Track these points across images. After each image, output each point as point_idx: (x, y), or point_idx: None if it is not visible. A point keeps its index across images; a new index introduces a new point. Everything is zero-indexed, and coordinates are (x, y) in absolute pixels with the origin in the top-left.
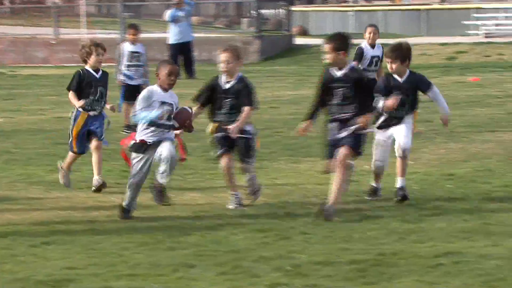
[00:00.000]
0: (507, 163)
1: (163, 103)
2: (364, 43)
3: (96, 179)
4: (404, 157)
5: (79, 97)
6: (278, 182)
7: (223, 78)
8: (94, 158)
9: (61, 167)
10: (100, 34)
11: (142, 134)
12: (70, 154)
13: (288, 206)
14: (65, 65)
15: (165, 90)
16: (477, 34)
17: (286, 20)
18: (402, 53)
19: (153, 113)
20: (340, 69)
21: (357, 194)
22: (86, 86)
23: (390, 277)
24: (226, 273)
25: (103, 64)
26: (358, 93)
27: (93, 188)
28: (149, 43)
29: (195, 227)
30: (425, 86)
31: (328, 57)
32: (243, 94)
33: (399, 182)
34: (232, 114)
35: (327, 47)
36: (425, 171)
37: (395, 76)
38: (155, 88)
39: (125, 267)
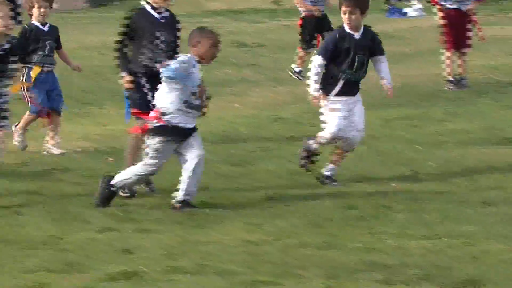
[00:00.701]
0: None
1: (199, 79)
2: None
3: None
4: (350, 151)
5: (28, 53)
6: (105, 128)
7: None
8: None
9: (16, 129)
10: None
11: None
12: (28, 114)
13: (116, 151)
14: None
15: (201, 63)
16: None
17: None
18: (363, 1)
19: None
20: (161, 13)
21: None
22: (33, 41)
23: (219, 219)
24: (56, 220)
25: None
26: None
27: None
28: None
29: (23, 174)
30: (381, 47)
31: None
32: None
33: (329, 169)
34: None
35: None
36: (253, 114)
37: (350, 31)
38: (193, 59)
39: None
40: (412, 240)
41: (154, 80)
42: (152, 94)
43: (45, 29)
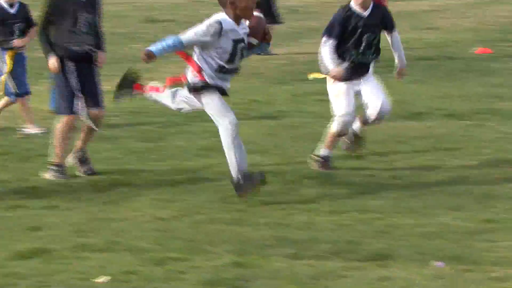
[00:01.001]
0: (247, 81)
1: (236, 41)
2: None
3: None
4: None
5: None
6: (17, 105)
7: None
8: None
9: None
10: None
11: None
12: (6, 98)
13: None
14: None
15: (238, 22)
16: None
17: None
18: None
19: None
20: None
21: None
22: (1, 24)
23: (129, 196)
24: None
25: None
26: (99, 22)
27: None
28: None
29: None
30: (392, 24)
31: None
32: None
33: (324, 151)
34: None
35: None
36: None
37: (357, 9)
38: (224, 18)
39: None
40: (322, 215)
41: (81, 63)
42: (79, 78)
43: (12, 11)
